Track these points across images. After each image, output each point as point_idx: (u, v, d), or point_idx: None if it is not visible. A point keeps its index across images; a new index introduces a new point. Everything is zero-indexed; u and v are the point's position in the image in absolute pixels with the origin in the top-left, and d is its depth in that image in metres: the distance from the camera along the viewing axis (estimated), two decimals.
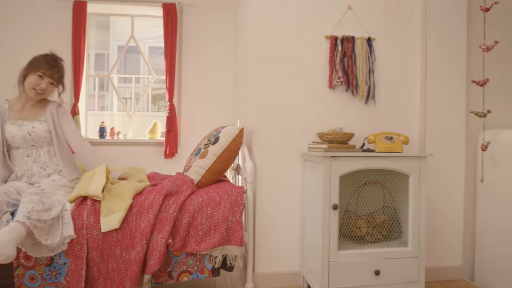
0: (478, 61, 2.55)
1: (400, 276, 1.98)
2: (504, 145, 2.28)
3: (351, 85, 2.33)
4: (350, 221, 2.13)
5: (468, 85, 2.53)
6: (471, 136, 2.55)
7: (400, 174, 2.08)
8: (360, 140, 2.37)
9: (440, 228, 2.49)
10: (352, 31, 2.38)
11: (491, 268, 2.38)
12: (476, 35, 2.55)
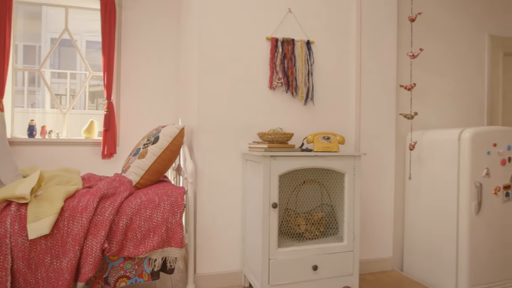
0: (406, 67, 2.74)
1: (336, 270, 2.07)
2: (428, 145, 2.47)
3: (291, 86, 2.39)
4: (290, 219, 2.18)
5: (397, 89, 2.71)
6: (400, 136, 2.73)
7: (336, 173, 2.18)
8: (299, 140, 2.44)
9: (374, 223, 2.65)
10: (293, 34, 2.44)
11: (417, 258, 2.57)
12: (405, 42, 2.74)
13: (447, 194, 2.32)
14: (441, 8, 2.88)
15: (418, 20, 2.77)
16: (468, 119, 2.99)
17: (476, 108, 3.02)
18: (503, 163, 2.26)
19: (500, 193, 2.26)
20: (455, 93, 2.94)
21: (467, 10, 2.98)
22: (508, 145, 2.28)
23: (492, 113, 3.05)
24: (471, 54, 3.00)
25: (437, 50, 2.86)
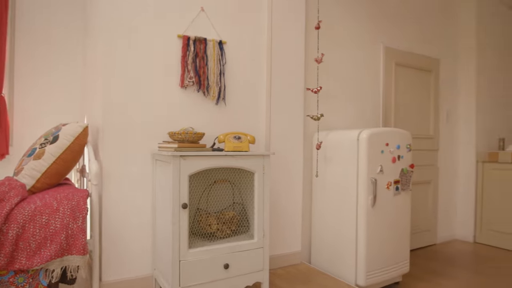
0: (314, 72, 2.91)
1: (247, 267, 2.12)
2: (333, 144, 2.66)
3: (203, 85, 2.38)
4: (201, 219, 2.17)
5: (305, 92, 2.87)
6: (308, 136, 2.90)
7: (247, 172, 2.23)
8: (211, 139, 2.45)
9: (284, 219, 2.76)
10: (205, 33, 2.44)
11: (323, 250, 2.75)
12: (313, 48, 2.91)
13: (348, 189, 2.52)
14: (344, 19, 3.12)
15: (324, 28, 2.97)
16: (367, 121, 3.29)
17: (373, 111, 3.33)
18: (393, 160, 2.53)
19: (391, 187, 2.53)
20: (356, 97, 3.20)
21: (366, 23, 3.27)
22: (397, 144, 2.56)
23: (386, 116, 3.40)
24: (369, 62, 3.30)
25: (341, 57, 3.10)
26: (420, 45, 3.75)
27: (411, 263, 3.31)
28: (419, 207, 3.73)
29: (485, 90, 4.11)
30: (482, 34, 4.07)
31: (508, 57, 4.44)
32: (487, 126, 4.13)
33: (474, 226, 4.01)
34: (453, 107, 4.09)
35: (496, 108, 4.25)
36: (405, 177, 2.62)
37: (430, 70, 3.82)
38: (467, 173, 4.05)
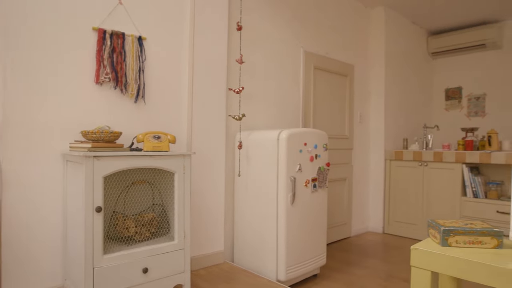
0: (236, 72, 2.94)
1: (168, 270, 2.06)
2: (254, 144, 2.71)
3: (120, 82, 2.27)
4: (118, 222, 2.07)
5: (227, 92, 2.88)
6: (230, 136, 2.91)
7: (167, 172, 2.17)
8: (129, 139, 2.34)
9: (206, 219, 2.75)
10: (124, 28, 2.32)
11: (246, 249, 2.79)
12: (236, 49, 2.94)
13: (269, 187, 2.59)
14: (266, 22, 3.20)
15: (247, 30, 3.01)
16: (288, 122, 3.41)
17: (294, 112, 3.47)
18: (311, 159, 2.66)
19: (309, 185, 2.65)
20: (278, 98, 3.31)
21: (288, 27, 3.40)
22: (315, 144, 2.70)
23: (306, 117, 3.56)
24: (290, 64, 3.43)
25: (264, 59, 3.17)
26: (337, 51, 3.99)
27: (328, 256, 3.51)
28: (335, 202, 3.98)
29: (392, 94, 4.52)
30: (389, 44, 4.47)
31: (410, 65, 4.94)
32: (393, 127, 4.55)
33: (383, 218, 4.39)
34: (365, 110, 4.43)
35: (400, 111, 4.70)
36: (322, 175, 2.76)
37: (346, 74, 4.09)
38: (377, 170, 4.42)
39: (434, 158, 3.95)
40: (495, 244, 1.21)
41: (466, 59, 5.13)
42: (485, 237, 1.21)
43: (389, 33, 4.45)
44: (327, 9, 3.86)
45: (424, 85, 5.25)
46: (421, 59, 5.18)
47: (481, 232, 1.21)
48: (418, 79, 5.10)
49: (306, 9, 3.60)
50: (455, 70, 5.23)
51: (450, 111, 5.24)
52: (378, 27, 4.43)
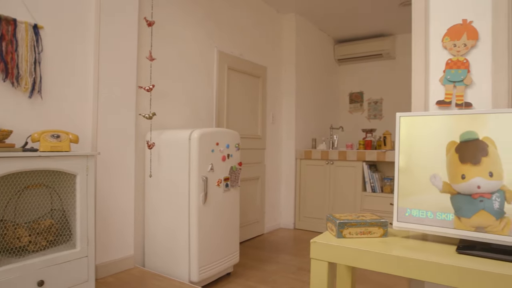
0: (147, 69, 2.84)
1: (69, 280, 1.91)
2: (166, 144, 2.64)
3: (11, 74, 2.03)
4: (7, 232, 1.85)
5: (137, 90, 2.77)
6: (141, 135, 2.80)
7: (68, 174, 2.01)
8: (23, 138, 2.11)
9: (114, 223, 2.60)
10: (15, 13, 2.09)
11: (158, 252, 2.71)
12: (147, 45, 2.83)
13: (181, 188, 2.55)
14: (180, 20, 3.14)
15: (160, 26, 2.93)
16: (201, 122, 3.39)
17: (208, 112, 3.46)
18: (223, 159, 2.68)
19: (222, 184, 2.68)
20: (192, 97, 3.27)
21: (202, 27, 3.38)
22: (227, 144, 2.73)
23: (219, 117, 3.59)
24: (204, 64, 3.42)
25: (177, 57, 3.11)
26: (251, 53, 4.09)
27: (242, 254, 3.57)
28: (249, 201, 4.07)
29: (302, 97, 4.78)
30: (300, 49, 4.72)
31: (319, 70, 5.27)
32: (303, 128, 4.81)
33: (294, 214, 4.61)
34: (277, 111, 4.61)
35: (310, 113, 4.99)
36: (234, 174, 2.81)
37: (259, 76, 4.20)
38: (288, 169, 4.63)
39: (339, 157, 4.27)
40: (381, 233, 1.36)
41: (367, 67, 5.65)
42: (373, 228, 1.35)
43: (299, 39, 4.69)
44: (241, 12, 3.93)
45: (331, 89, 5.65)
46: (328, 65, 5.55)
47: (370, 223, 1.34)
48: (326, 83, 5.46)
49: (220, 10, 3.62)
50: (358, 76, 5.72)
51: (353, 114, 5.72)
52: (289, 32, 4.64)
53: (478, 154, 1.18)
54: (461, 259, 1.15)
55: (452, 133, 1.23)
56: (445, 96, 1.40)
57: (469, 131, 1.19)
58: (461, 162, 1.21)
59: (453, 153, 1.22)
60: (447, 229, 1.24)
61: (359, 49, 5.41)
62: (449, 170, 1.23)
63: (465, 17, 1.38)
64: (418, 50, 1.45)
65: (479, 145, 1.18)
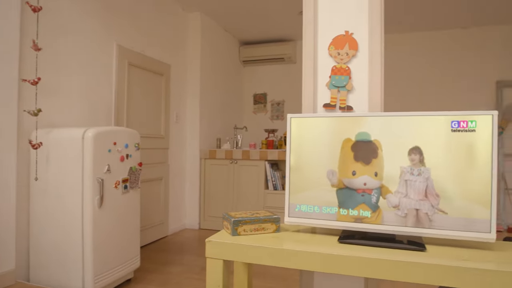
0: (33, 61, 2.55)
1: None
2: (56, 143, 2.41)
3: None
4: None
5: (21, 84, 2.47)
6: (24, 134, 2.51)
7: None
8: None
9: None
10: None
11: (46, 263, 2.45)
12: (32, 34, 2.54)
13: (73, 192, 2.35)
14: (75, 7, 2.88)
15: (50, 14, 2.65)
16: (99, 120, 3.17)
17: (107, 109, 3.25)
18: (122, 159, 2.55)
19: (120, 186, 2.54)
20: (88, 93, 3.03)
21: (99, 16, 3.15)
22: (126, 143, 2.60)
23: (119, 115, 3.40)
24: (101, 58, 3.20)
25: (70, 49, 2.85)
26: (154, 50, 3.95)
27: (144, 258, 3.44)
28: (152, 202, 3.93)
29: (207, 96, 4.78)
30: (205, 49, 4.71)
31: (224, 70, 5.33)
32: (208, 128, 4.81)
33: (199, 214, 4.59)
34: (182, 110, 4.53)
35: (215, 112, 5.02)
36: (134, 175, 2.68)
37: (162, 74, 4.09)
38: (193, 169, 4.60)
39: (243, 156, 4.38)
40: (274, 229, 1.43)
41: (270, 69, 5.89)
42: (266, 224, 1.41)
43: (205, 38, 4.69)
44: (143, 6, 3.77)
45: (236, 89, 5.75)
46: (234, 66, 5.65)
47: (263, 219, 1.40)
48: (231, 84, 5.55)
49: (120, 2, 3.43)
50: (262, 78, 5.93)
51: (257, 114, 5.91)
52: (194, 31, 4.60)
53: (370, 155, 1.32)
54: (342, 248, 1.27)
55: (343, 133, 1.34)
56: (330, 100, 1.53)
57: (364, 132, 1.32)
58: (355, 160, 1.33)
59: (348, 150, 1.34)
60: (331, 221, 1.36)
61: (263, 52, 5.61)
62: (341, 166, 1.34)
63: (347, 29, 1.53)
64: (308, 57, 1.56)
65: (372, 146, 1.32)
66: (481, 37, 5.06)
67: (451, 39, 5.17)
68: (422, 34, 5.28)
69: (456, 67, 5.16)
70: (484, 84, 5.06)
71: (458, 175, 1.24)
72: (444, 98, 5.18)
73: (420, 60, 5.29)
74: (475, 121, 1.22)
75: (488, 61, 5.05)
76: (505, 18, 4.72)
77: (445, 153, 1.25)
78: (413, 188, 1.27)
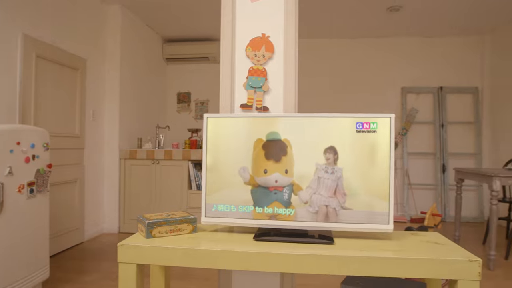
0: None
1: None
2: None
3: None
4: None
5: None
6: None
7: None
8: None
9: None
10: None
11: None
12: None
13: None
14: None
15: None
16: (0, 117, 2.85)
17: (9, 106, 2.94)
18: (27, 161, 2.32)
19: (25, 190, 2.31)
20: None
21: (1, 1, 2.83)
22: (32, 143, 2.37)
23: (25, 113, 3.09)
24: (4, 49, 2.88)
25: None
26: (67, 42, 3.66)
27: (56, 267, 3.18)
28: (65, 207, 3.64)
29: (128, 94, 4.57)
30: (126, 44, 4.49)
31: (147, 68, 5.14)
32: (129, 127, 4.60)
33: (118, 218, 4.36)
34: (99, 108, 4.27)
35: (136, 111, 4.82)
36: (42, 178, 2.46)
37: (77, 68, 3.81)
38: (112, 170, 4.36)
39: (165, 156, 4.26)
40: (191, 229, 1.41)
41: (195, 68, 5.82)
42: (183, 225, 1.39)
43: (125, 33, 4.47)
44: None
45: (159, 87, 5.58)
46: (157, 63, 5.48)
47: (180, 220, 1.38)
48: (154, 82, 5.37)
49: None
50: (186, 76, 5.83)
51: (181, 113, 5.81)
52: (114, 24, 4.36)
53: (279, 153, 1.36)
54: (257, 245, 1.30)
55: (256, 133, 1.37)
56: (247, 100, 1.56)
57: (274, 131, 1.36)
58: (266, 159, 1.37)
59: (260, 149, 1.37)
60: (247, 220, 1.38)
61: (188, 50, 5.53)
62: (254, 165, 1.37)
63: (264, 32, 1.57)
64: (225, 57, 1.57)
65: (281, 145, 1.36)
66: (390, 47, 5.56)
67: (365, 47, 5.60)
68: (340, 41, 5.64)
69: (369, 73, 5.60)
70: (392, 89, 5.57)
71: (362, 172, 1.34)
72: (358, 101, 5.59)
73: (338, 65, 5.64)
74: (376, 123, 1.34)
75: (395, 69, 5.56)
76: (413, 31, 5.24)
77: (352, 152, 1.34)
78: (325, 185, 1.35)
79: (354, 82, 5.61)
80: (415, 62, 5.52)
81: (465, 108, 5.48)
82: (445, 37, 5.49)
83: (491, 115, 5.36)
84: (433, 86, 5.50)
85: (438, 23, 4.95)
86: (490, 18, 4.74)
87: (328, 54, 5.64)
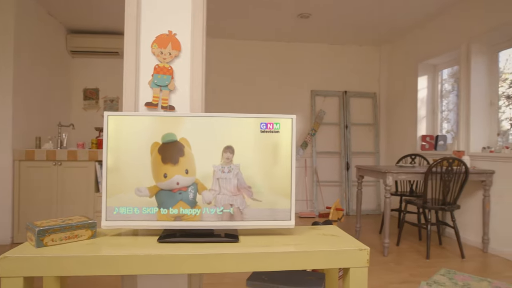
0: None
1: None
2: None
3: None
4: None
5: None
6: None
7: None
8: None
9: None
10: None
11: None
12: None
13: None
14: None
15: None
16: None
17: None
18: None
19: None
20: None
21: None
22: None
23: None
24: None
25: None
26: None
27: None
28: None
29: (23, 89, 4.11)
30: (21, 33, 4.03)
31: (47, 60, 4.69)
32: (25, 125, 4.14)
33: (12, 227, 3.90)
34: None
35: (34, 108, 4.36)
36: None
37: None
38: (4, 173, 3.88)
39: (69, 157, 3.93)
40: (90, 235, 1.32)
41: (104, 63, 5.46)
42: (80, 230, 1.29)
43: (21, 20, 4.01)
44: None
45: (62, 82, 5.13)
46: (60, 56, 5.02)
47: (76, 226, 1.28)
48: (56, 76, 4.91)
49: None
50: (94, 71, 5.45)
51: (88, 111, 5.41)
52: (6, 9, 3.88)
53: (176, 154, 1.34)
54: (162, 247, 1.26)
55: (156, 134, 1.34)
56: (152, 99, 1.51)
57: (169, 133, 1.33)
58: (163, 163, 1.33)
59: (156, 154, 1.33)
60: (151, 222, 1.34)
61: (96, 43, 5.17)
62: (153, 170, 1.33)
63: (170, 29, 1.53)
64: (129, 53, 1.50)
65: (177, 146, 1.34)
66: (300, 51, 5.86)
67: (277, 50, 5.81)
68: (253, 43, 5.77)
69: (281, 76, 5.83)
70: (302, 92, 5.87)
71: (266, 171, 1.39)
72: (269, 102, 5.79)
73: (250, 67, 5.76)
74: (279, 123, 1.39)
75: (305, 73, 5.88)
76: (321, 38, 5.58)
77: (256, 152, 1.38)
78: (226, 184, 1.37)
79: (266, 84, 5.79)
80: (323, 67, 5.90)
81: (366, 111, 6.02)
82: (349, 46, 5.97)
83: (387, 118, 5.97)
84: (339, 90, 5.94)
85: (343, 33, 5.35)
86: (384, 31, 5.27)
87: (240, 55, 5.74)
